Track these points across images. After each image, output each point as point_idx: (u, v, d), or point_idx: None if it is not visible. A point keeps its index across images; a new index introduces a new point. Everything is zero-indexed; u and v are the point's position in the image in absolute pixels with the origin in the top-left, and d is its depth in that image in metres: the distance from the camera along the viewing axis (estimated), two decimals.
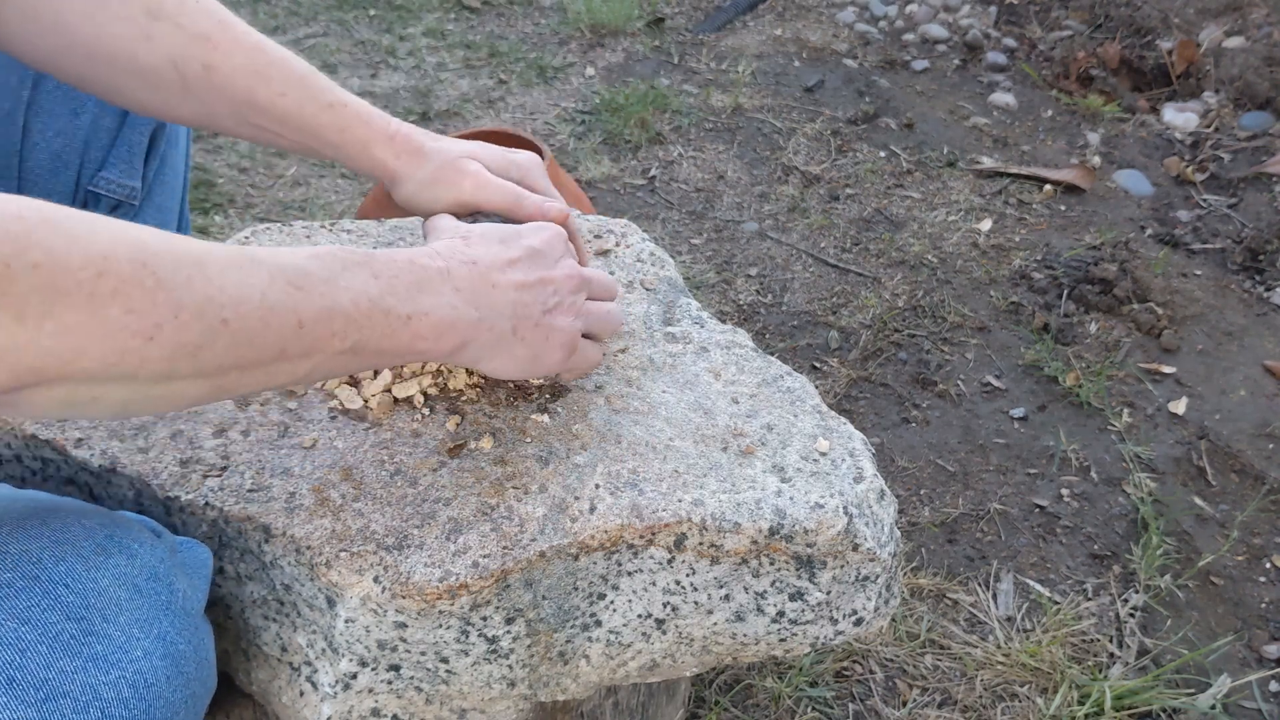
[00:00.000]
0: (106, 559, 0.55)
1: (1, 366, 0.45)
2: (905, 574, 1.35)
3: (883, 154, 2.27)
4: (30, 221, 0.45)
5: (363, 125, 0.77)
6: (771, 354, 0.91)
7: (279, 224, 0.92)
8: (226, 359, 0.52)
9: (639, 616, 0.69)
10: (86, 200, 0.94)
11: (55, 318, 0.46)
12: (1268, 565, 1.41)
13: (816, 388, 0.81)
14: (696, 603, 0.69)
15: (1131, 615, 1.31)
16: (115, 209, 0.95)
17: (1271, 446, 1.59)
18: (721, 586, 0.69)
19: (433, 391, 0.76)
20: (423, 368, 0.77)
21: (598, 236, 0.93)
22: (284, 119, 0.76)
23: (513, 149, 0.82)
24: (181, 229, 1.05)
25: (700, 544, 0.67)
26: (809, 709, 1.18)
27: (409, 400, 0.74)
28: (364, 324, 0.58)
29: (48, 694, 0.50)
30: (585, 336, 0.73)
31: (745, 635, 0.71)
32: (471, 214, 0.77)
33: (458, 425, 0.73)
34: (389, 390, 0.75)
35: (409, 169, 0.78)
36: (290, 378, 0.56)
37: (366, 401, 0.74)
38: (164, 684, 0.54)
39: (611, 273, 0.89)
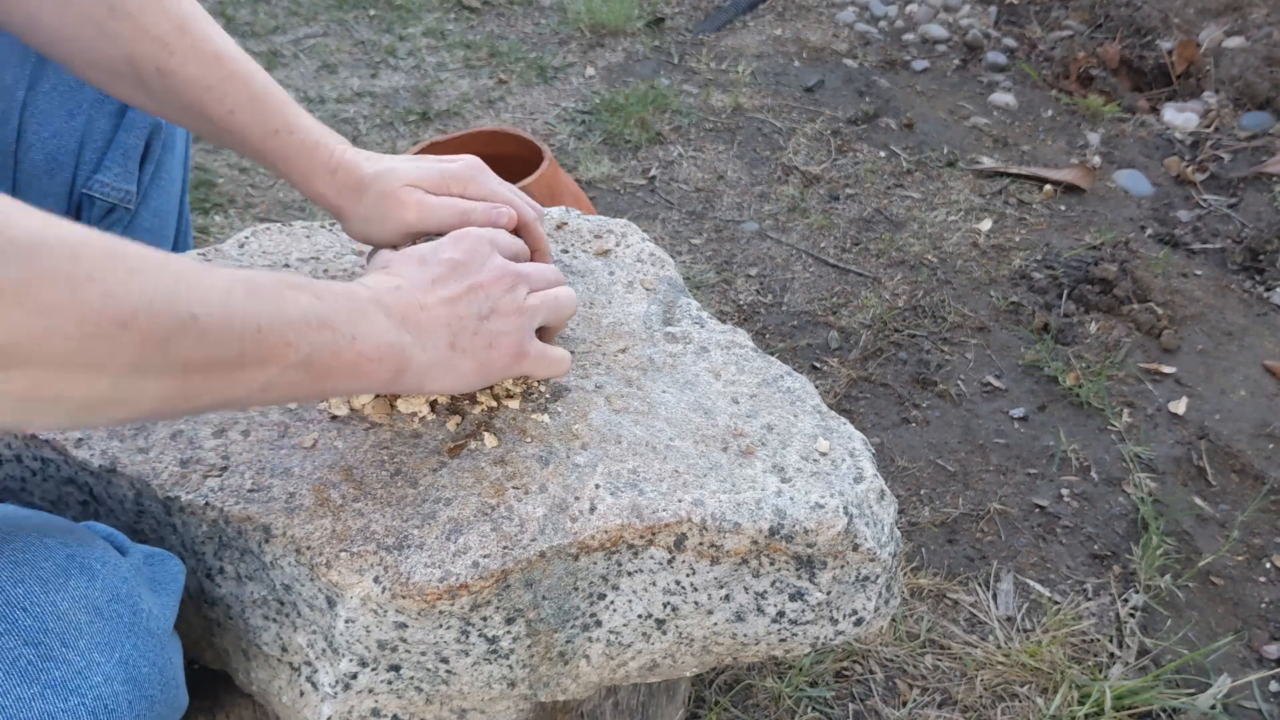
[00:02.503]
0: (66, 580, 0.54)
1: None
2: (905, 574, 1.35)
3: (883, 154, 2.27)
4: (7, 209, 0.45)
5: (305, 157, 0.76)
6: (772, 354, 0.91)
7: (279, 224, 0.92)
8: (192, 356, 0.52)
9: (639, 617, 0.69)
10: (81, 203, 0.94)
11: (34, 295, 0.45)
12: (1268, 565, 1.41)
13: (817, 388, 0.81)
14: (697, 603, 0.69)
15: (1131, 615, 1.31)
16: (110, 212, 0.95)
17: (1271, 446, 1.59)
18: (722, 587, 0.69)
19: (435, 397, 0.76)
20: None
21: (598, 236, 0.93)
22: (232, 136, 0.76)
23: (449, 158, 0.80)
24: (181, 232, 1.04)
25: (700, 544, 0.67)
26: (809, 709, 1.18)
27: (413, 407, 0.74)
28: (314, 338, 0.58)
29: None
30: (543, 330, 0.73)
31: (745, 635, 0.71)
32: (422, 237, 0.77)
33: (458, 425, 0.73)
34: (391, 400, 0.75)
35: (351, 205, 0.77)
36: (247, 390, 0.56)
37: (364, 406, 0.74)
38: (125, 709, 0.53)
39: (611, 273, 0.89)
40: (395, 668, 0.64)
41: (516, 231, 0.79)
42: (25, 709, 0.50)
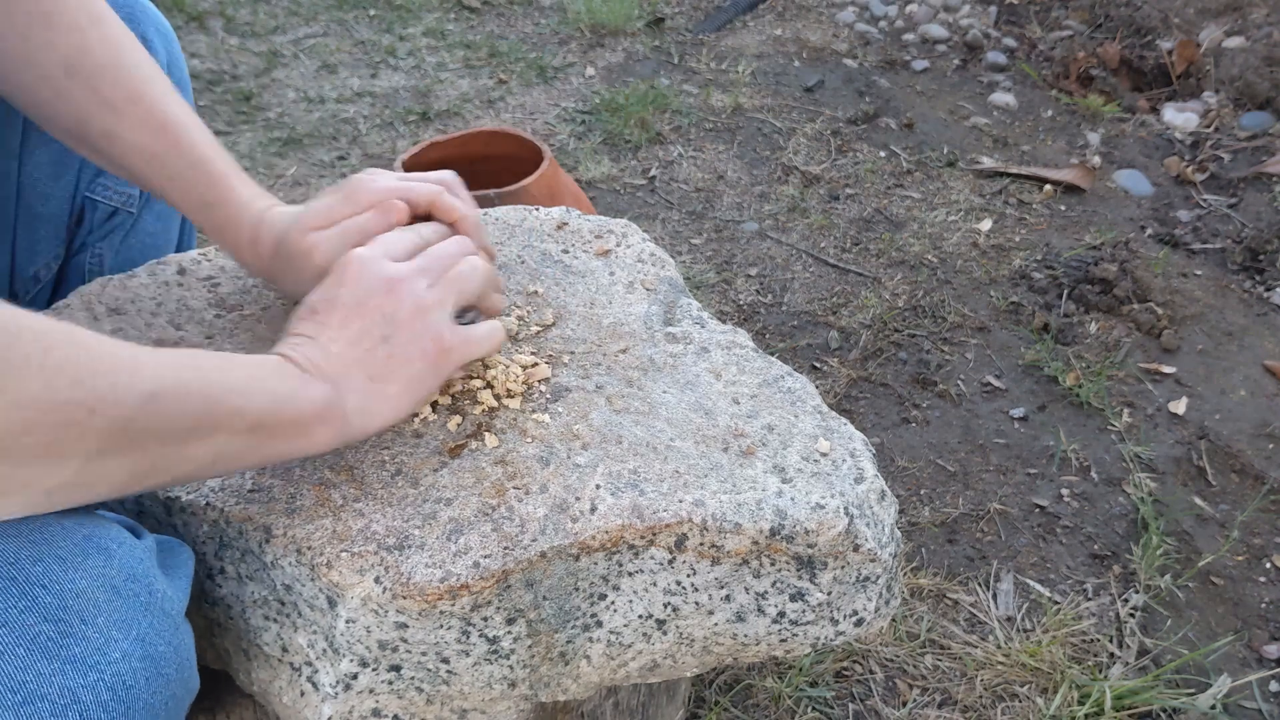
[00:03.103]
0: (84, 559, 0.55)
1: None
2: (905, 574, 1.35)
3: (883, 154, 2.27)
4: None
5: (231, 231, 0.77)
6: (772, 354, 0.91)
7: None
8: (151, 433, 0.54)
9: (640, 617, 0.69)
10: (84, 206, 0.94)
11: (10, 391, 0.47)
12: (1268, 565, 1.41)
13: (817, 388, 0.81)
14: (697, 603, 0.69)
15: (1131, 615, 1.31)
16: (113, 215, 0.95)
17: (1272, 446, 1.59)
18: (722, 587, 0.69)
19: (435, 397, 0.76)
20: None
21: (598, 237, 0.93)
22: (170, 201, 0.78)
23: (333, 189, 0.79)
24: (184, 235, 1.05)
25: (701, 544, 0.67)
26: (809, 709, 1.18)
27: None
28: (258, 402, 0.60)
29: (25, 697, 0.49)
30: (466, 313, 0.72)
31: (746, 636, 0.71)
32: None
33: (458, 425, 0.73)
34: None
35: (275, 270, 0.78)
36: (199, 464, 0.58)
37: None
38: (143, 686, 0.54)
39: (612, 274, 0.89)
40: (396, 668, 0.64)
41: (427, 217, 0.77)
42: (46, 684, 0.50)
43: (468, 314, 0.79)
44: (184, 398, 0.55)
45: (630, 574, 0.68)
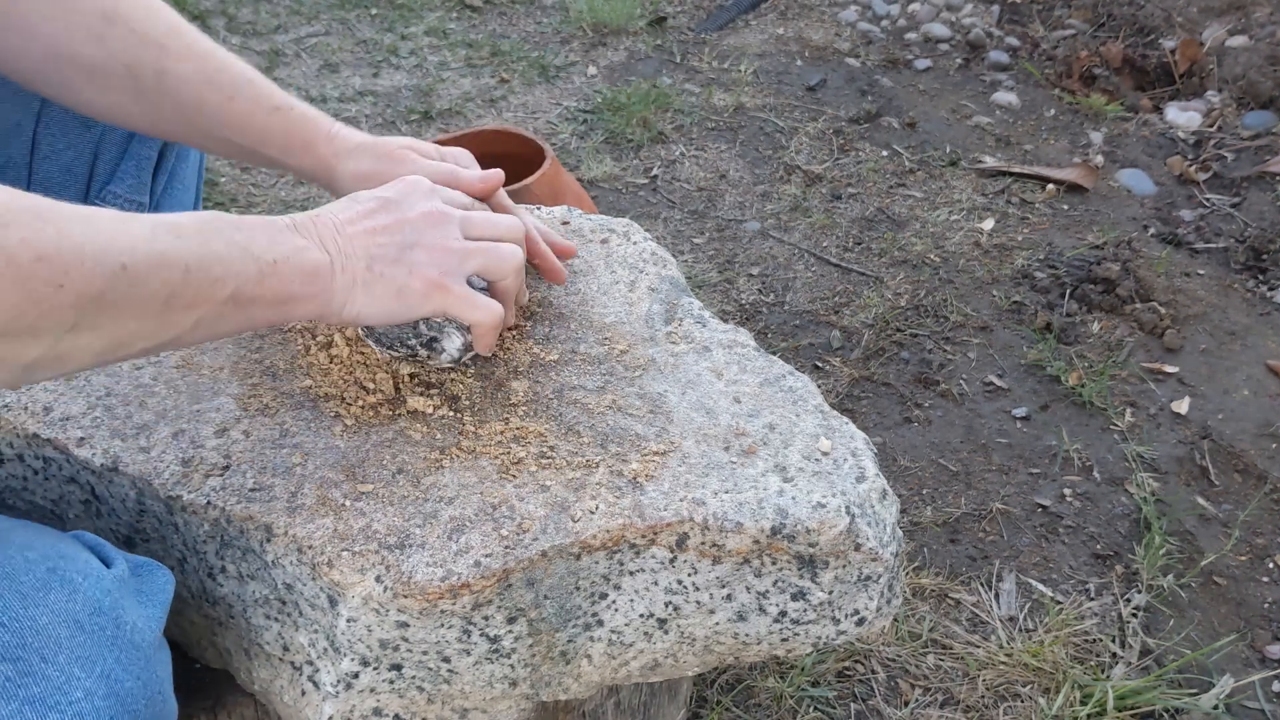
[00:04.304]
0: (46, 594, 0.53)
1: None
2: (907, 574, 1.35)
3: (885, 153, 2.26)
4: None
5: (306, 127, 0.80)
6: (774, 353, 0.91)
7: None
8: (125, 305, 0.53)
9: (641, 616, 0.69)
10: None
11: None
12: (1270, 565, 1.41)
13: (819, 387, 0.81)
14: (698, 602, 0.69)
15: (1134, 615, 1.31)
16: None
17: (1274, 446, 1.59)
18: (723, 586, 0.69)
19: (435, 397, 0.76)
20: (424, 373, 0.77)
21: (603, 241, 0.93)
22: (232, 124, 0.79)
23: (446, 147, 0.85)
24: None
25: (702, 544, 0.67)
26: (811, 709, 1.18)
27: (414, 406, 0.74)
28: (239, 270, 0.59)
29: None
30: (485, 283, 0.73)
31: (747, 635, 0.71)
32: None
33: (460, 426, 0.73)
34: (389, 400, 0.75)
35: (348, 164, 0.80)
36: (179, 329, 0.58)
37: (364, 409, 0.74)
38: None
39: (613, 273, 0.89)
40: (397, 667, 0.64)
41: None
42: None
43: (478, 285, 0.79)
44: (158, 268, 0.54)
45: (631, 573, 0.68)
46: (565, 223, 0.94)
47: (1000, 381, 1.68)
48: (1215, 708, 1.20)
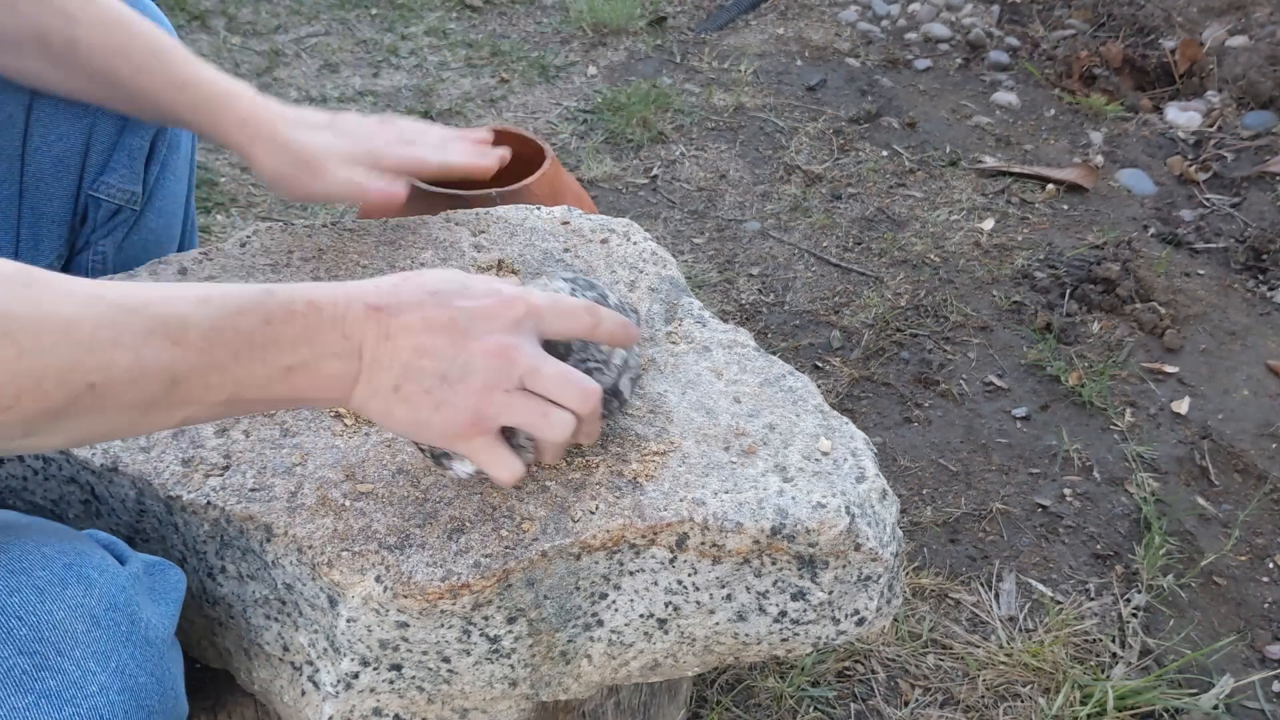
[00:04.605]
0: (63, 590, 0.53)
1: None
2: (907, 574, 1.35)
3: (885, 153, 2.26)
4: None
5: (215, 107, 0.78)
6: (773, 353, 0.91)
7: (281, 223, 0.92)
8: (90, 416, 0.51)
9: (641, 616, 0.69)
10: (88, 205, 0.94)
11: None
12: (1270, 565, 1.41)
13: (819, 387, 0.81)
14: (698, 602, 0.69)
15: (1134, 615, 1.31)
16: (116, 214, 0.95)
17: (1274, 446, 1.59)
18: (723, 586, 0.69)
19: None
20: None
21: (603, 241, 0.93)
22: (143, 96, 0.79)
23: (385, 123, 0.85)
24: (186, 232, 1.05)
25: (702, 544, 0.67)
26: (811, 709, 1.18)
27: None
28: (242, 378, 0.55)
29: None
30: (529, 440, 0.65)
31: (747, 635, 0.71)
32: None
33: None
34: None
35: (261, 157, 0.79)
36: (162, 424, 0.55)
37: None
38: (121, 719, 0.53)
39: (613, 272, 0.89)
40: (397, 667, 0.64)
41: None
42: (20, 719, 0.49)
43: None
44: (137, 383, 0.52)
45: (631, 573, 0.68)
46: (565, 223, 0.94)
47: (1000, 381, 1.68)
48: (1215, 708, 1.20)
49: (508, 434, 0.64)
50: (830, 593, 0.70)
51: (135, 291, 0.52)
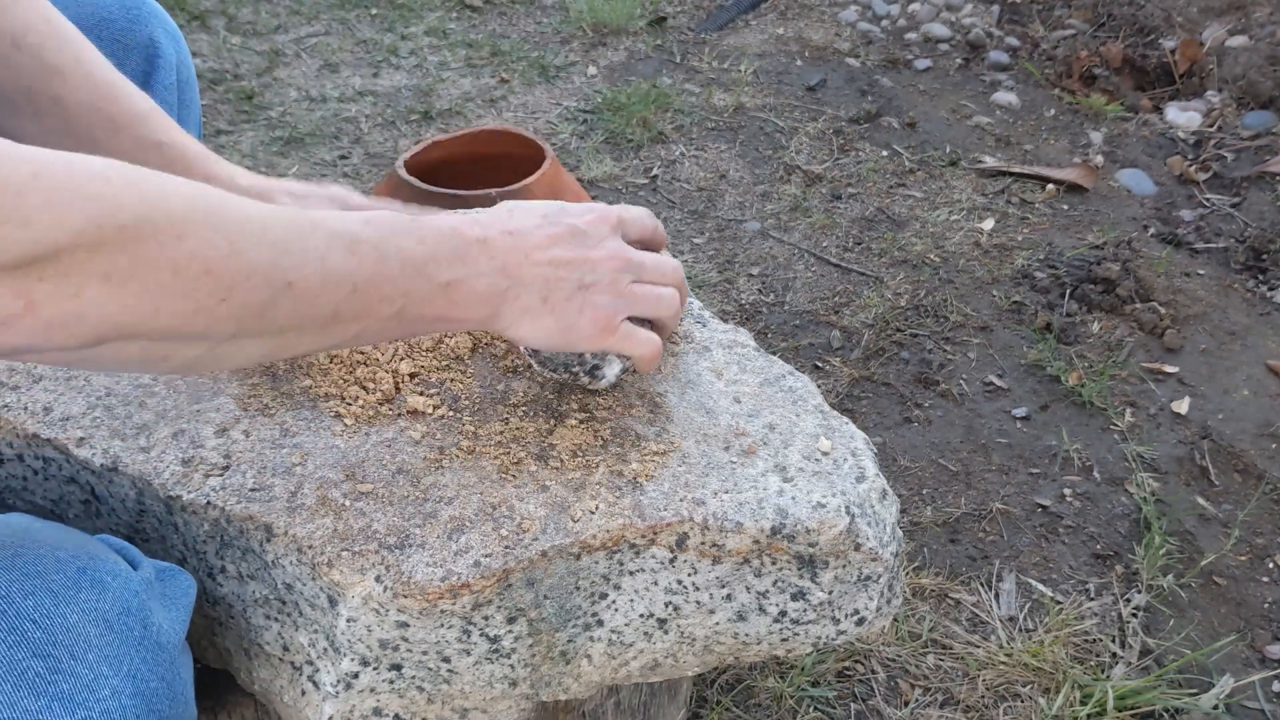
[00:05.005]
0: (77, 594, 0.54)
1: (87, 323, 0.47)
2: (907, 574, 1.35)
3: (885, 153, 2.26)
4: (116, 184, 0.47)
5: (185, 165, 0.80)
6: (773, 353, 0.91)
7: None
8: (288, 319, 0.55)
9: (641, 616, 0.69)
10: None
11: (140, 279, 0.48)
12: (1270, 565, 1.41)
13: (819, 387, 0.81)
14: (698, 602, 0.69)
15: (1134, 615, 1.31)
16: None
17: (1275, 446, 1.59)
18: (723, 586, 0.69)
19: (435, 397, 0.76)
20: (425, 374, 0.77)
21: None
22: (119, 155, 0.78)
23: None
24: None
25: (702, 543, 0.67)
26: (811, 709, 1.18)
27: (414, 406, 0.74)
28: (409, 289, 0.60)
29: None
30: (643, 321, 0.72)
31: (747, 635, 0.71)
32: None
33: (459, 426, 0.73)
34: (389, 400, 0.75)
35: None
36: (339, 339, 0.59)
37: (364, 409, 0.74)
38: None
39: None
40: (397, 667, 0.64)
41: None
42: None
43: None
44: (325, 287, 0.55)
45: (631, 573, 0.68)
46: None
47: (1000, 381, 1.68)
48: (1215, 708, 1.20)
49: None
50: (830, 593, 0.70)
51: (307, 212, 0.57)
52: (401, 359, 0.77)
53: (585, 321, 0.68)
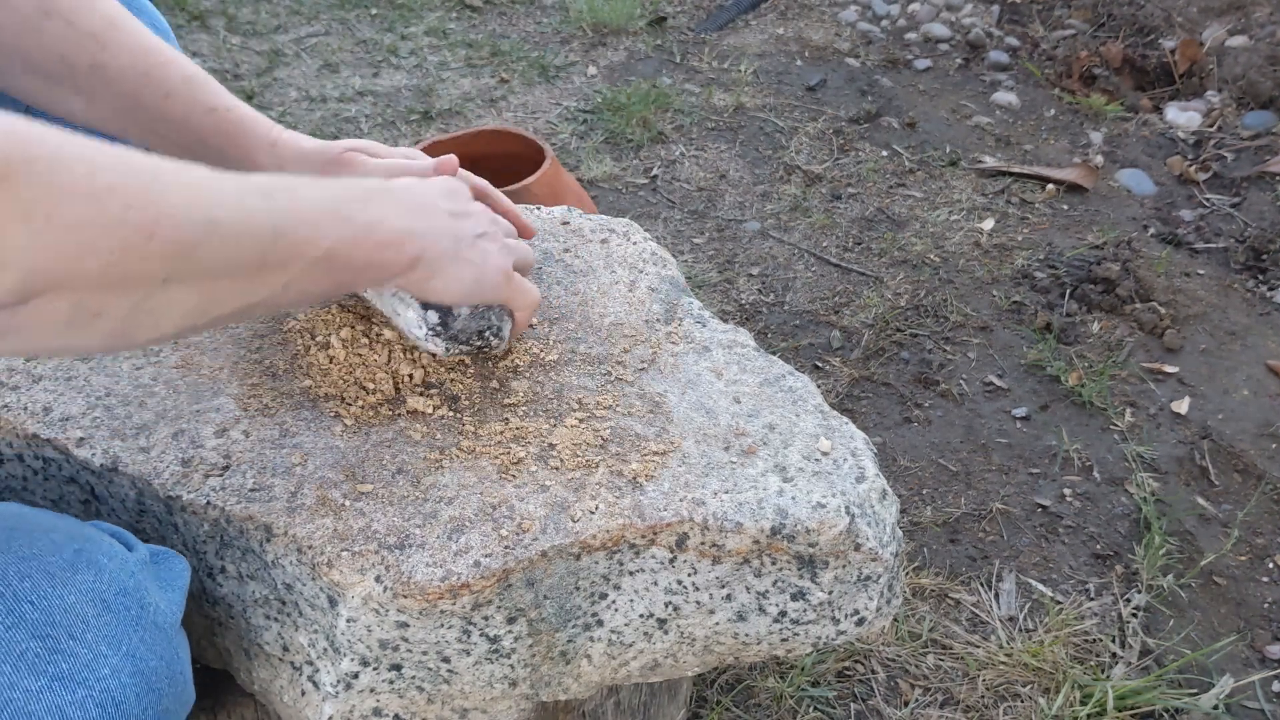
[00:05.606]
0: (74, 575, 0.54)
1: (11, 270, 0.45)
2: (907, 574, 1.35)
3: (885, 153, 2.26)
4: (20, 130, 0.45)
5: (244, 132, 0.79)
6: (773, 353, 0.91)
7: None
8: (215, 261, 0.53)
9: (641, 616, 0.69)
10: None
11: (60, 215, 0.46)
12: (1270, 565, 1.41)
13: (818, 387, 0.81)
14: (698, 602, 0.69)
15: (1134, 615, 1.31)
16: None
17: (1274, 446, 1.59)
18: (723, 586, 0.69)
19: (435, 397, 0.76)
20: (424, 375, 0.77)
21: (603, 241, 0.93)
22: (168, 121, 0.78)
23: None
24: None
25: (702, 544, 0.67)
26: (811, 709, 1.18)
27: (414, 406, 0.74)
28: (331, 229, 0.59)
29: (11, 714, 0.49)
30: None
31: (747, 635, 0.71)
32: None
33: (459, 426, 0.73)
34: (389, 400, 0.75)
35: (293, 170, 0.79)
36: (270, 291, 0.57)
37: (364, 409, 0.74)
38: (133, 702, 0.53)
39: (613, 272, 0.89)
40: (397, 667, 0.64)
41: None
42: (33, 701, 0.50)
43: None
44: (248, 227, 0.54)
45: (631, 573, 0.68)
46: (565, 223, 0.94)
47: (1000, 381, 1.68)
48: (1215, 708, 1.20)
49: None
50: (830, 593, 0.70)
51: (216, 169, 0.56)
52: (402, 360, 0.77)
53: (491, 270, 0.70)
